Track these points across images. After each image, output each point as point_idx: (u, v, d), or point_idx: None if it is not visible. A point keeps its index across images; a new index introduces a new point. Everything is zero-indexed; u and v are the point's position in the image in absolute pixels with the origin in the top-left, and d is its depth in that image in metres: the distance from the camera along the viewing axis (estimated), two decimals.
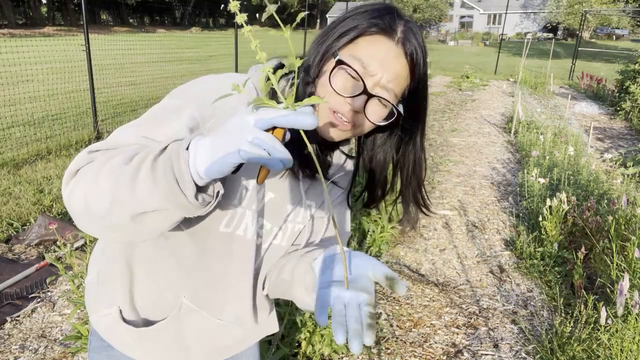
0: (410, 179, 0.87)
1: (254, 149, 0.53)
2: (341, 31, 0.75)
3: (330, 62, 0.75)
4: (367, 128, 0.79)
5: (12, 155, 4.58)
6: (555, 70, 12.96)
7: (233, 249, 0.81)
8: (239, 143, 0.53)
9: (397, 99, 0.77)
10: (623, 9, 31.08)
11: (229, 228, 0.79)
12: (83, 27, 5.28)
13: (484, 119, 7.89)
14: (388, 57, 0.73)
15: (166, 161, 0.57)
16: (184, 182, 0.56)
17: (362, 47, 0.74)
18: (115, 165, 0.61)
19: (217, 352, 0.93)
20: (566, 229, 2.99)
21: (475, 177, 4.82)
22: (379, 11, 0.75)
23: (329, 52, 0.75)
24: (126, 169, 0.59)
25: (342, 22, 0.77)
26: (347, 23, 0.75)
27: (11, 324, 2.26)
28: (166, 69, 11.37)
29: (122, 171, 0.59)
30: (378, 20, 0.74)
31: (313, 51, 0.78)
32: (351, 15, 0.76)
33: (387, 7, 0.77)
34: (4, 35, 20.71)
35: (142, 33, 30.96)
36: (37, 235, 2.99)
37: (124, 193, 0.58)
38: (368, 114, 0.75)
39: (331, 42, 0.76)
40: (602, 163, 5.40)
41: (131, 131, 0.70)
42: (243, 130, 0.54)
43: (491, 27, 44.90)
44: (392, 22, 0.74)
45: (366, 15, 0.75)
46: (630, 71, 8.91)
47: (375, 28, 0.73)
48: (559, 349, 2.09)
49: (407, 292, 2.67)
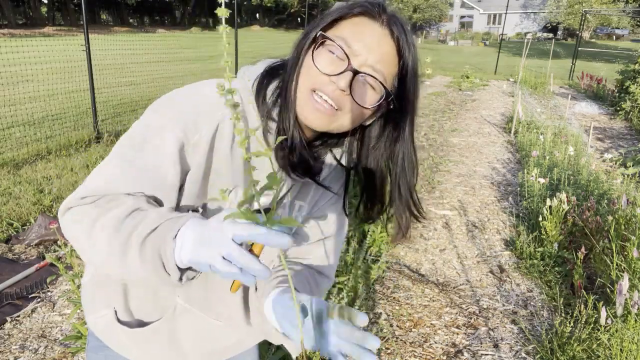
0: (400, 180, 0.80)
1: (225, 266, 0.55)
2: (322, 19, 0.74)
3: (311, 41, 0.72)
4: (354, 115, 0.73)
5: (12, 155, 4.58)
6: (555, 70, 12.96)
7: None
8: (212, 257, 0.56)
9: (385, 82, 0.72)
10: (623, 9, 31.07)
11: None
12: (83, 27, 5.28)
13: (484, 119, 7.89)
14: (374, 37, 0.70)
15: (154, 245, 0.61)
16: (169, 266, 0.60)
17: (345, 27, 0.71)
18: (108, 226, 0.64)
19: (214, 353, 0.93)
20: (566, 229, 2.99)
21: (475, 177, 4.82)
22: (361, 2, 0.73)
23: (309, 36, 0.72)
24: (118, 238, 0.63)
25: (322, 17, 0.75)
26: (327, 14, 0.74)
27: (11, 324, 2.26)
28: (166, 69, 11.36)
29: (114, 238, 0.63)
30: (361, 4, 0.72)
31: (293, 48, 0.76)
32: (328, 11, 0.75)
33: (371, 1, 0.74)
34: (4, 35, 20.70)
35: (142, 33, 30.95)
36: (37, 235, 2.99)
37: (115, 259, 0.64)
38: (355, 95, 0.70)
39: (311, 29, 0.73)
40: (602, 163, 5.40)
41: (119, 169, 0.69)
42: (220, 244, 0.56)
43: (491, 27, 44.90)
44: (375, 5, 0.72)
45: (348, 4, 0.73)
46: (630, 71, 8.91)
47: (358, 9, 0.71)
48: (559, 349, 2.09)
49: (407, 292, 2.67)
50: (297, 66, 0.73)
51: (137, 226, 0.62)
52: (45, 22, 39.71)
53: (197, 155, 0.71)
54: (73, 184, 3.91)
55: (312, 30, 0.73)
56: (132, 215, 0.64)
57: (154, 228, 0.62)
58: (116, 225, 0.63)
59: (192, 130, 0.70)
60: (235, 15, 9.00)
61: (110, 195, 0.68)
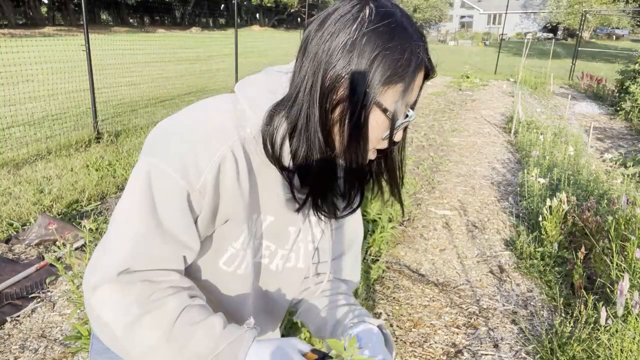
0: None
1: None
2: (372, 75, 0.64)
3: (370, 110, 0.65)
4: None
5: (12, 155, 4.58)
6: (555, 70, 12.96)
7: (230, 283, 0.80)
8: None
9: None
10: (623, 9, 31.07)
11: (229, 267, 0.78)
12: (83, 27, 5.28)
13: (484, 119, 7.89)
14: (420, 84, 0.69)
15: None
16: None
17: (400, 88, 0.65)
18: (157, 326, 0.63)
19: None
20: (566, 229, 2.99)
21: (475, 177, 4.82)
22: (411, 47, 0.65)
23: (357, 96, 0.64)
24: (171, 346, 0.63)
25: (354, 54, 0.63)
26: (376, 63, 0.63)
27: (11, 324, 2.26)
28: (166, 69, 11.36)
29: (165, 344, 0.63)
30: (421, 65, 0.66)
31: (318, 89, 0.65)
32: (378, 52, 0.63)
33: (416, 33, 0.67)
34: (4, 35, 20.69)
35: (142, 33, 30.94)
36: (37, 235, 2.99)
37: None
38: (394, 141, 0.71)
39: (355, 85, 0.64)
40: (602, 163, 5.40)
41: (138, 245, 0.65)
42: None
43: (491, 27, 44.89)
44: (425, 52, 0.67)
45: (399, 51, 0.64)
46: (630, 71, 8.91)
47: (418, 70, 0.66)
48: (559, 349, 2.09)
49: (406, 292, 2.67)
50: (344, 125, 0.66)
51: (191, 340, 0.63)
52: (45, 22, 39.70)
53: (203, 199, 0.67)
54: (73, 184, 3.91)
55: (357, 88, 0.63)
56: (183, 320, 0.64)
57: (216, 354, 0.63)
58: (168, 330, 0.63)
59: (194, 176, 0.65)
60: (236, 15, 8.99)
61: (143, 273, 0.66)
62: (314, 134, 0.67)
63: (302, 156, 0.68)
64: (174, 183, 0.65)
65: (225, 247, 0.76)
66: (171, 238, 0.66)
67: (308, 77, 0.66)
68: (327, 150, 0.68)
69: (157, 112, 7.10)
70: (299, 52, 0.68)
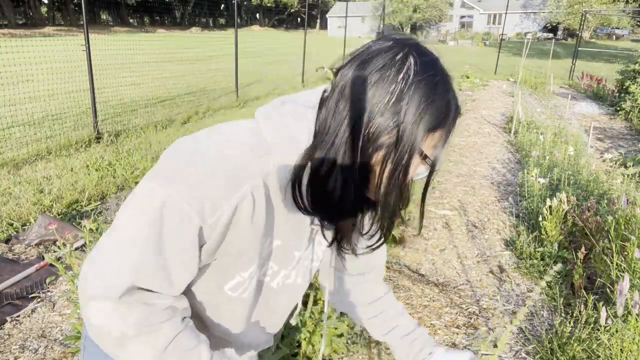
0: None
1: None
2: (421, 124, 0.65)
3: (413, 159, 0.67)
4: None
5: (12, 155, 4.58)
6: (555, 70, 12.96)
7: (232, 305, 0.81)
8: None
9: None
10: (623, 9, 31.07)
11: (234, 292, 0.79)
12: (83, 27, 5.28)
13: (484, 119, 7.89)
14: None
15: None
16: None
17: (438, 136, 0.69)
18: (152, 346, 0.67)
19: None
20: (566, 229, 2.99)
21: (475, 177, 4.82)
22: (450, 95, 0.69)
23: (404, 150, 0.66)
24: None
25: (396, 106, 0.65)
26: (422, 113, 0.65)
27: (11, 324, 2.26)
28: (166, 69, 11.36)
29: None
30: (457, 113, 0.70)
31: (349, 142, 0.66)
32: (424, 104, 0.65)
33: (449, 76, 0.70)
34: (4, 35, 20.70)
35: (142, 33, 30.95)
36: (37, 235, 2.99)
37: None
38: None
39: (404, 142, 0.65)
40: (602, 163, 5.40)
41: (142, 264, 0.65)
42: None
43: (491, 27, 44.88)
44: (456, 97, 0.71)
45: (441, 100, 0.67)
46: (630, 71, 8.91)
47: (455, 117, 0.71)
48: (559, 349, 2.09)
49: (406, 292, 2.67)
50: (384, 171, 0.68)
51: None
52: (45, 22, 39.71)
53: (213, 232, 0.67)
54: (73, 184, 3.91)
55: (403, 138, 0.65)
56: (174, 346, 0.68)
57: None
58: (159, 354, 0.67)
59: (209, 213, 0.65)
60: (236, 15, 8.99)
61: (142, 296, 0.67)
62: (351, 178, 0.67)
63: (336, 199, 0.69)
64: (188, 220, 0.64)
65: (233, 274, 0.76)
66: (173, 269, 0.67)
67: (347, 123, 0.66)
68: (362, 194, 0.70)
69: (157, 112, 7.10)
70: (333, 93, 0.68)
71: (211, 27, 48.14)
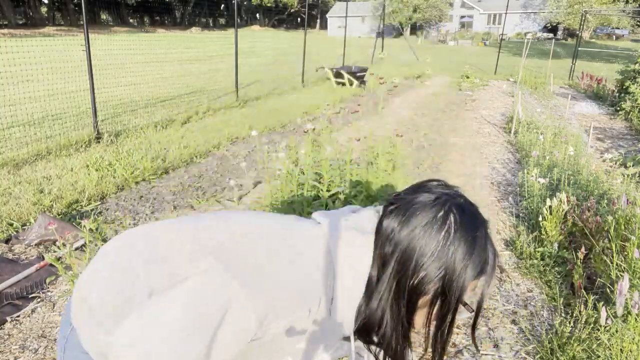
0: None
1: None
2: (466, 276, 0.76)
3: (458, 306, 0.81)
4: None
5: (12, 155, 4.58)
6: (555, 70, 12.96)
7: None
8: None
9: None
10: (623, 9, 31.07)
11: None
12: (83, 27, 5.28)
13: (484, 119, 7.89)
14: None
15: None
16: None
17: (485, 282, 0.81)
18: None
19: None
20: (566, 229, 2.99)
21: (475, 177, 4.82)
22: (487, 245, 0.77)
23: (451, 299, 0.78)
24: None
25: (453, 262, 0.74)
26: (466, 266, 0.75)
27: (11, 324, 2.26)
28: (166, 69, 11.36)
29: None
30: (492, 255, 0.78)
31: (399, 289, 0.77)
32: (468, 257, 0.74)
33: (491, 244, 0.78)
34: (4, 35, 20.70)
35: (142, 33, 30.95)
36: (37, 235, 2.99)
37: None
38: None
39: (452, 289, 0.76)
40: (602, 163, 5.40)
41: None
42: None
43: (491, 27, 44.88)
44: (493, 245, 0.79)
45: (482, 251, 0.76)
46: (630, 71, 8.91)
47: (494, 264, 0.79)
48: (559, 349, 2.09)
49: None
50: (430, 317, 0.81)
51: None
52: (45, 22, 39.70)
53: (259, 330, 0.70)
54: (73, 184, 3.91)
55: (450, 289, 0.76)
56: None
57: None
58: None
59: (267, 320, 0.68)
60: (236, 15, 8.99)
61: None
62: (399, 322, 0.78)
63: (386, 338, 0.80)
64: (248, 326, 0.67)
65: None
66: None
67: (394, 273, 0.75)
68: (407, 335, 0.80)
69: (157, 112, 7.10)
70: (380, 241, 0.76)
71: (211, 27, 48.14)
